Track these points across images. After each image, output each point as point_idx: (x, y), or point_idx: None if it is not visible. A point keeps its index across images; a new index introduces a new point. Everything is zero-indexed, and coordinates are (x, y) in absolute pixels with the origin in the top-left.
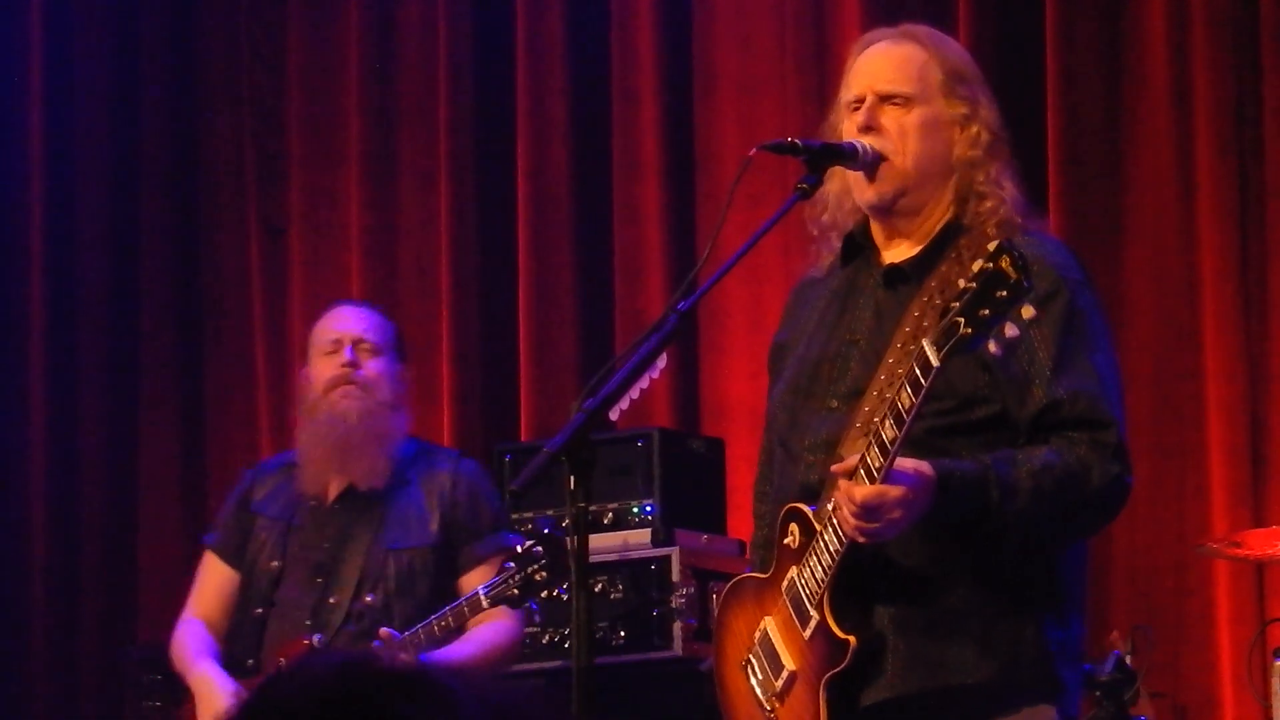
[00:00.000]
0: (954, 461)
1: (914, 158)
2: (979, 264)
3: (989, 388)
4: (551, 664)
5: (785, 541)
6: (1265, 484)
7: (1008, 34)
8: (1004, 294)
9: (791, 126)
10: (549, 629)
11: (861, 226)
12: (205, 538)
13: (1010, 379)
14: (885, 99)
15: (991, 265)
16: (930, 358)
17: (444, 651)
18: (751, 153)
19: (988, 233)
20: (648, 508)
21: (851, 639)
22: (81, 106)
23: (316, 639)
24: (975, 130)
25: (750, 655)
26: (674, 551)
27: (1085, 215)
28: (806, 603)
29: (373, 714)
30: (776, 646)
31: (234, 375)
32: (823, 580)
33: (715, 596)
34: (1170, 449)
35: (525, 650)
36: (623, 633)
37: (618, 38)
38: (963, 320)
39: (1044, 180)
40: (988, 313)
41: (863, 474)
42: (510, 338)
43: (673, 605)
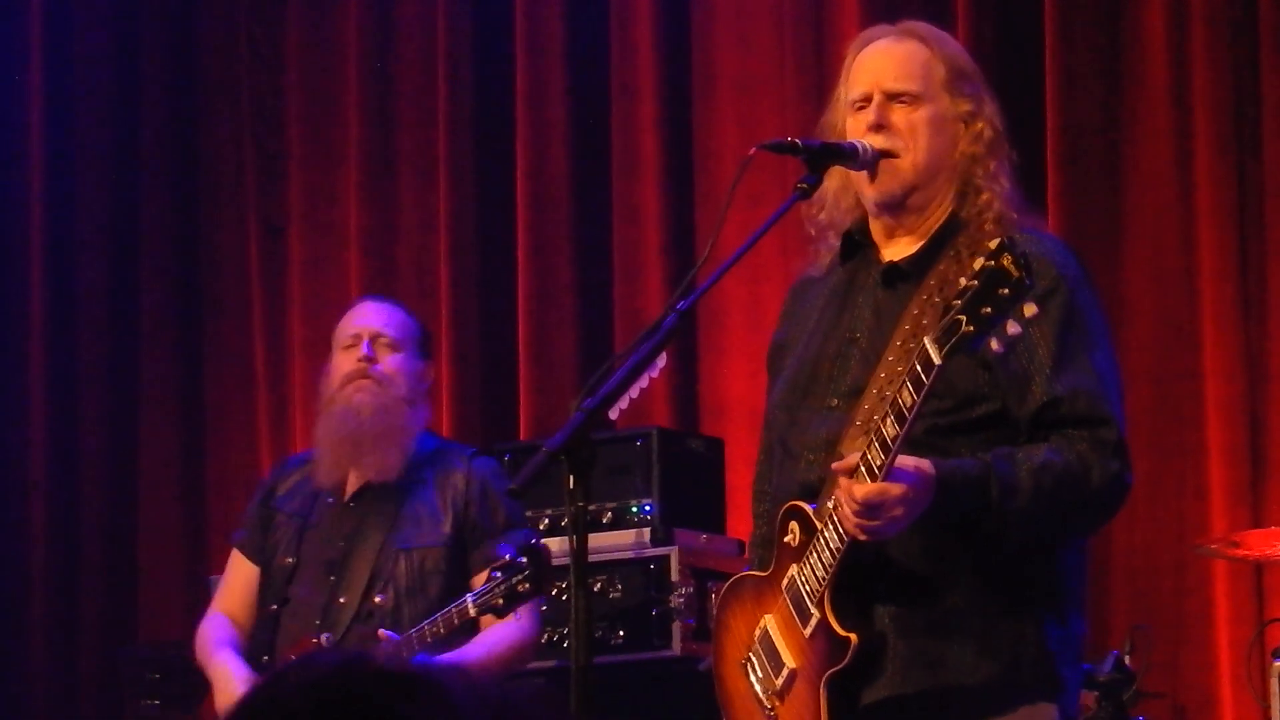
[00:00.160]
0: (954, 460)
1: (924, 155)
2: (980, 262)
3: (989, 386)
4: (551, 663)
5: (785, 539)
6: (1264, 484)
7: (1007, 33)
8: (1006, 291)
9: (790, 126)
10: (548, 628)
11: (860, 224)
12: (232, 535)
13: (1010, 377)
14: (893, 97)
15: (993, 263)
16: (932, 355)
17: (456, 652)
18: (751, 152)
19: (985, 229)
20: (647, 507)
21: (852, 637)
22: (81, 106)
23: (324, 638)
24: (979, 127)
25: (750, 654)
26: (673, 551)
27: (1084, 215)
28: (807, 600)
29: (372, 714)
30: (777, 645)
31: (233, 374)
32: (823, 578)
33: (714, 596)
34: (1169, 449)
35: None
36: (622, 632)
37: (617, 37)
38: (964, 318)
39: (1043, 180)
40: (990, 310)
41: (863, 472)
42: (509, 337)
43: (672, 605)
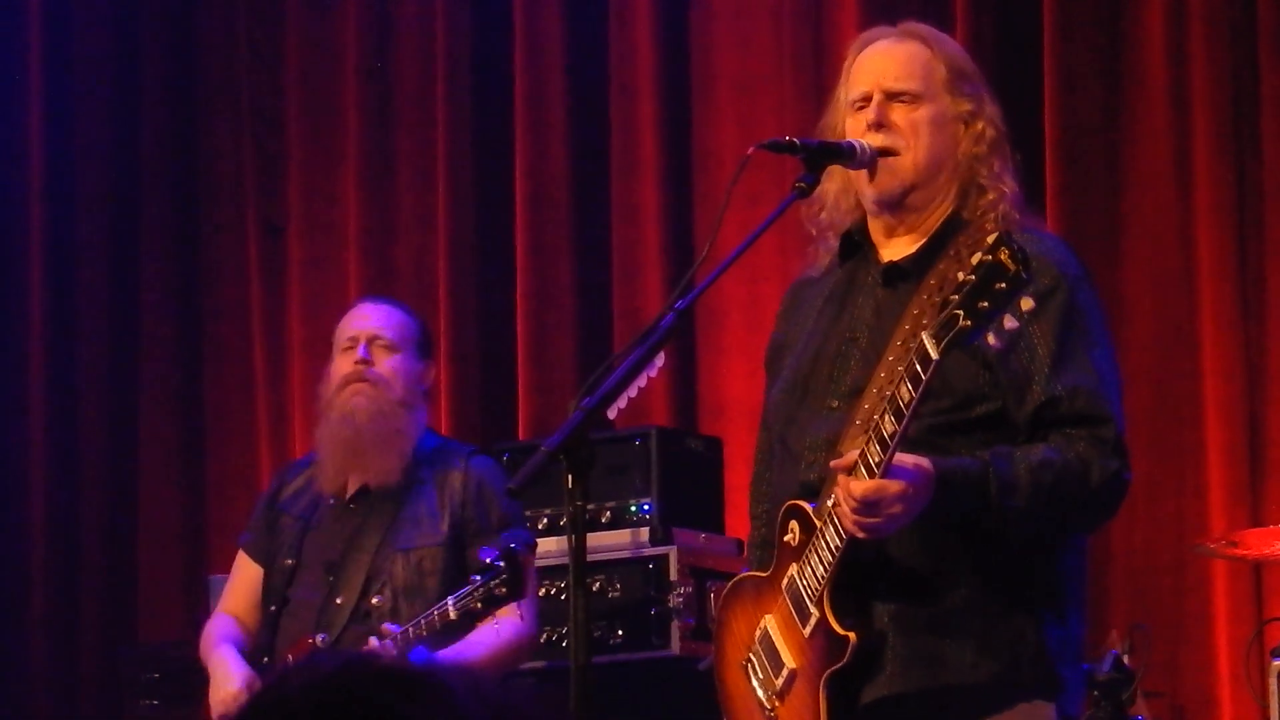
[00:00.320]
0: (954, 458)
1: (925, 153)
2: (978, 256)
3: (989, 386)
4: (549, 663)
5: (785, 539)
6: (1263, 483)
7: (1006, 33)
8: (1003, 286)
9: (789, 125)
10: (547, 628)
11: (859, 224)
12: (239, 538)
13: (1011, 377)
14: (893, 96)
15: (990, 257)
16: (929, 350)
17: (455, 648)
18: (750, 151)
19: (986, 227)
20: (645, 506)
21: (852, 636)
22: (81, 107)
23: (320, 638)
24: (980, 126)
25: (750, 654)
26: (672, 550)
27: (1083, 214)
28: (807, 600)
29: (372, 714)
30: (777, 645)
31: (233, 374)
32: (823, 577)
33: (713, 595)
34: (1168, 448)
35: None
36: (620, 632)
37: (616, 37)
38: (962, 313)
39: (1042, 179)
40: (987, 305)
41: (862, 469)
42: (508, 337)
43: (670, 604)
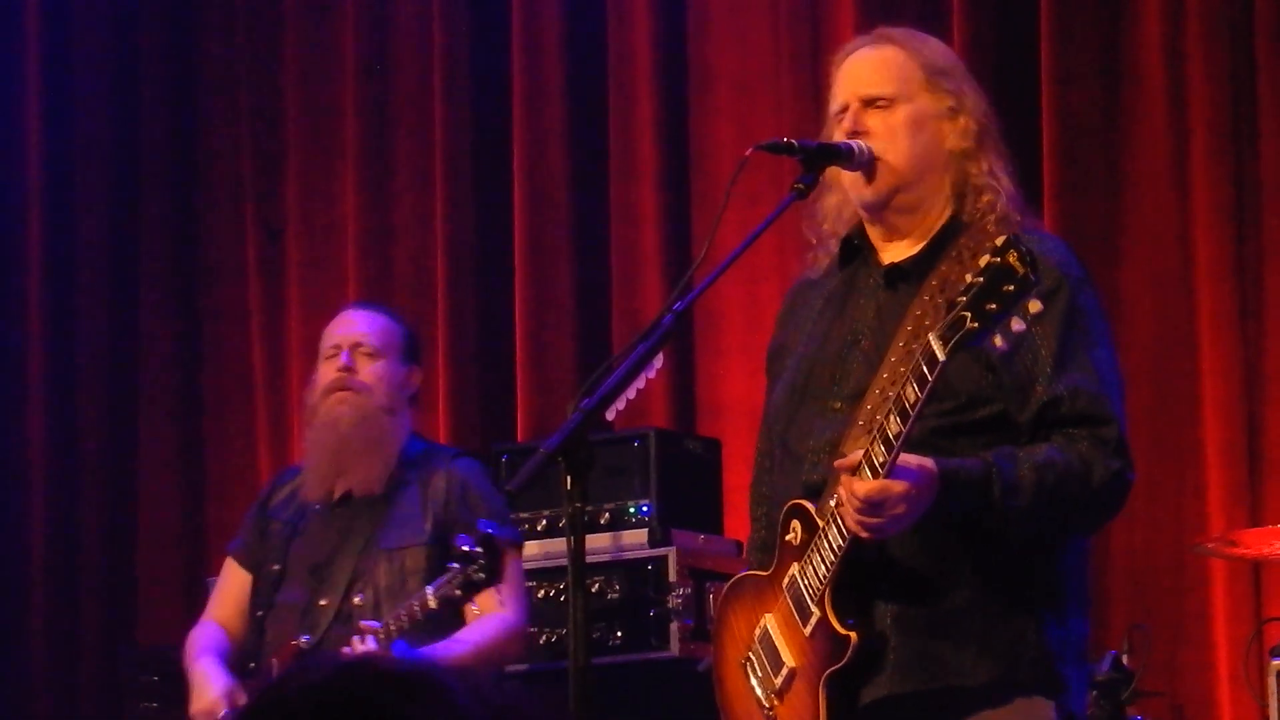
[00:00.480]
0: (957, 458)
1: (906, 155)
2: (986, 258)
3: (992, 388)
4: (548, 664)
5: (787, 538)
6: (1262, 483)
7: (1003, 33)
8: (1011, 288)
9: (787, 125)
10: (546, 629)
11: (858, 228)
12: (228, 545)
13: (1014, 379)
14: (869, 103)
15: (999, 260)
16: (936, 351)
17: (444, 643)
18: (748, 152)
19: (987, 229)
20: (644, 508)
21: (852, 635)
22: (80, 107)
23: (304, 640)
24: (963, 121)
25: (750, 653)
26: (671, 552)
27: (1081, 215)
28: (808, 599)
29: (373, 714)
30: (777, 644)
31: (232, 375)
32: (825, 577)
33: (712, 596)
34: (1167, 448)
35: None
36: (619, 633)
37: (614, 37)
38: (969, 314)
39: (1040, 180)
40: (994, 307)
41: (866, 469)
42: (507, 338)
43: (669, 605)
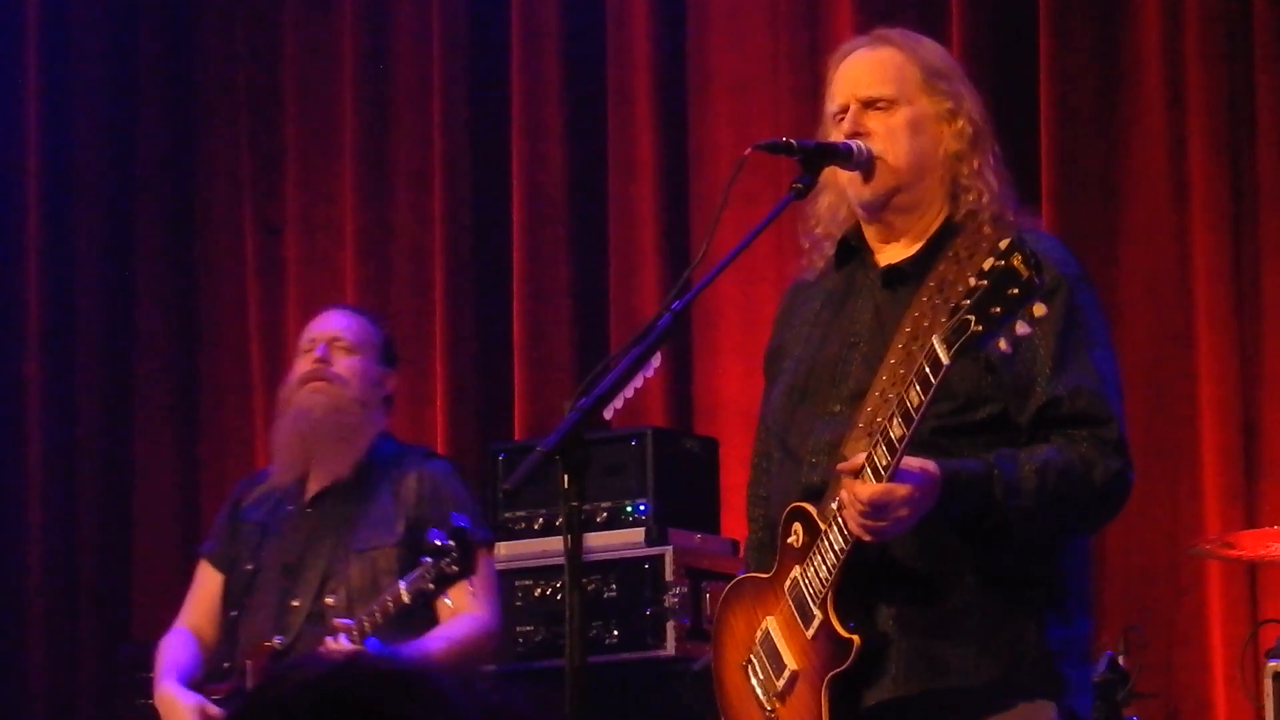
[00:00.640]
0: (958, 460)
1: (905, 156)
2: (990, 261)
3: (991, 388)
4: (545, 663)
5: (788, 541)
6: (1258, 485)
7: (1001, 34)
8: (1015, 291)
9: (785, 125)
10: (542, 628)
11: (854, 229)
12: (199, 547)
13: (1014, 380)
14: (869, 104)
15: (1003, 263)
16: (940, 355)
17: (415, 643)
18: (746, 152)
19: (984, 230)
20: (641, 507)
21: (855, 638)
22: (79, 105)
23: (277, 640)
24: (960, 124)
25: (751, 655)
26: (667, 551)
27: (1078, 216)
28: (810, 602)
29: (371, 714)
30: (778, 646)
31: (229, 374)
32: (827, 579)
33: (708, 596)
34: (1163, 450)
35: (520, 649)
36: (616, 632)
37: (612, 37)
38: (973, 318)
39: (1037, 181)
40: (999, 310)
41: (869, 472)
42: (504, 337)
43: (666, 605)
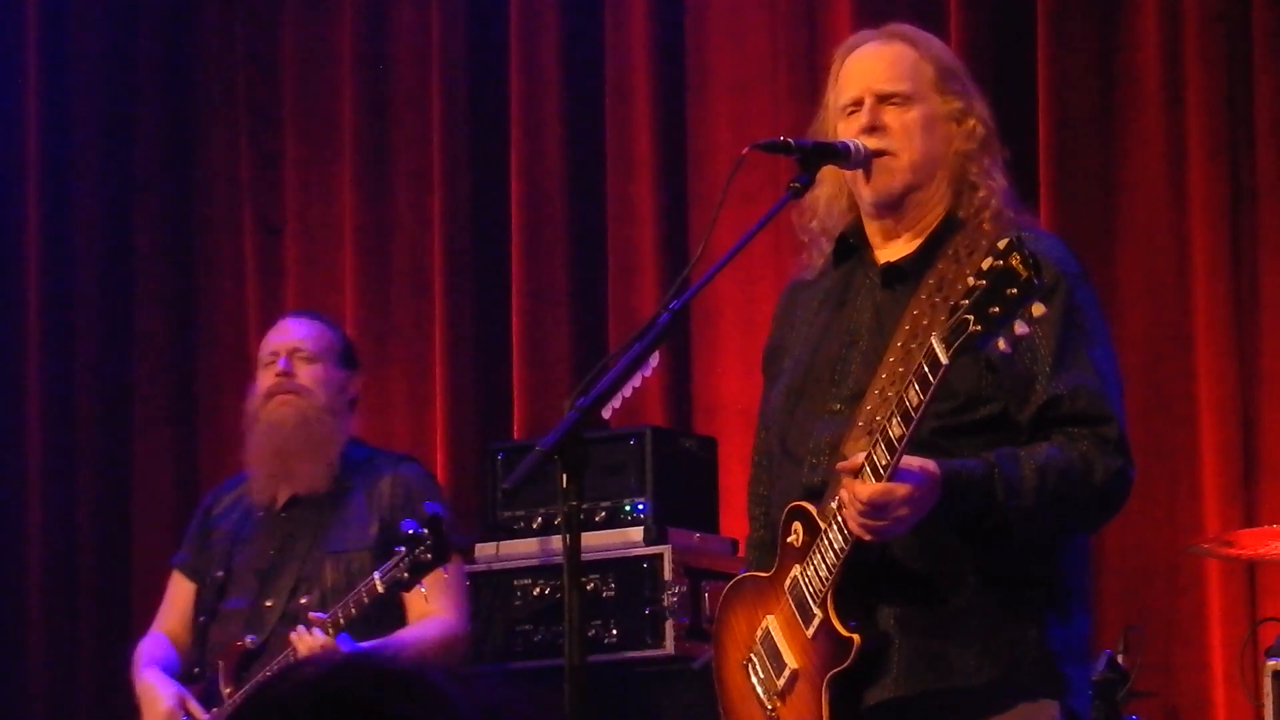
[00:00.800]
0: (959, 459)
1: (919, 154)
2: (989, 261)
3: (992, 387)
4: (544, 662)
5: (789, 540)
6: (1257, 483)
7: (999, 33)
8: (1014, 291)
9: (783, 124)
10: (542, 627)
11: (853, 226)
12: (172, 558)
13: (1014, 379)
14: (884, 99)
15: (1001, 263)
16: (939, 355)
17: (376, 643)
18: (744, 152)
19: (983, 228)
20: (640, 506)
21: (855, 638)
22: (77, 106)
23: (250, 640)
24: (971, 124)
25: (752, 654)
26: (666, 550)
27: (1076, 215)
28: (810, 601)
29: (370, 713)
30: (779, 645)
31: (228, 374)
32: (827, 578)
33: (707, 595)
34: (1162, 449)
35: (519, 649)
36: (615, 631)
37: (611, 37)
38: (972, 318)
39: (1035, 179)
40: (998, 310)
41: (869, 472)
42: (504, 336)
43: (665, 604)
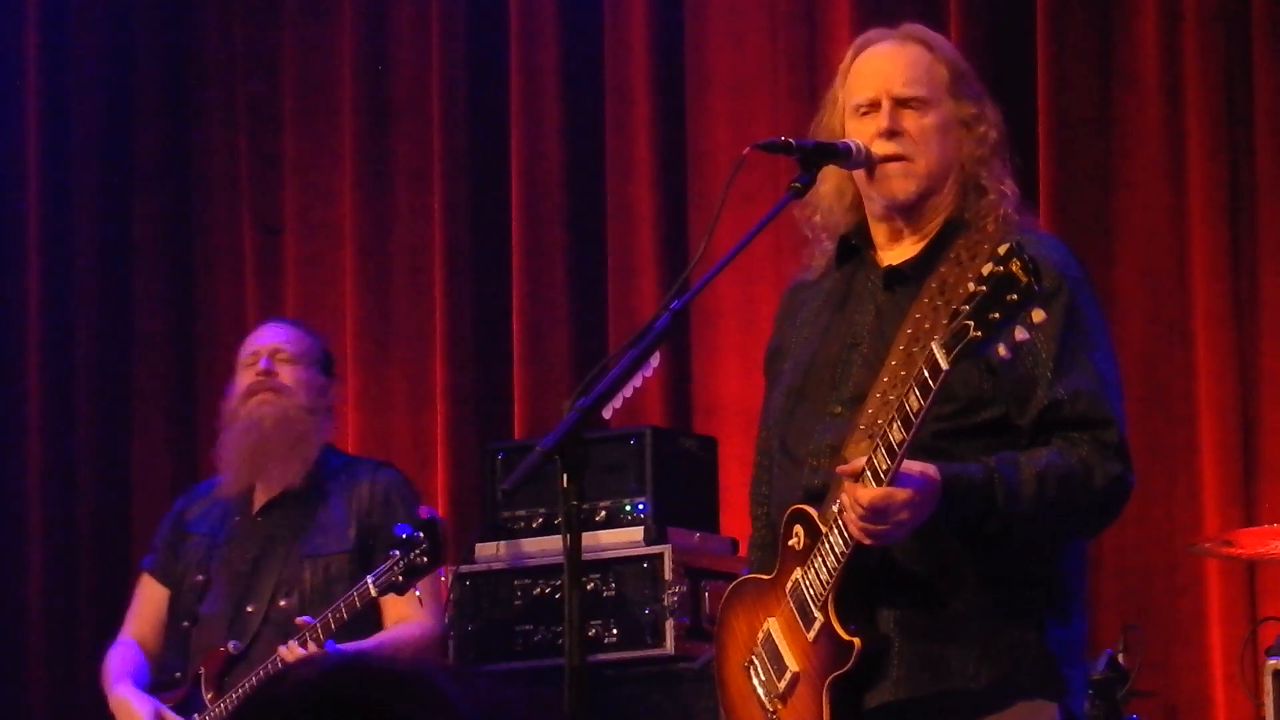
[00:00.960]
0: (959, 464)
1: (936, 159)
2: (989, 267)
3: (993, 391)
4: (544, 662)
5: (790, 543)
6: (1256, 483)
7: (999, 31)
8: (1014, 297)
9: (783, 125)
10: (541, 627)
11: (856, 227)
12: (142, 561)
13: (1015, 383)
14: (902, 103)
15: (1002, 268)
16: (940, 360)
17: (352, 645)
18: (745, 152)
19: (987, 229)
20: (640, 506)
21: (856, 641)
22: (76, 106)
23: (233, 645)
24: (983, 129)
25: (753, 656)
26: (666, 550)
27: (1076, 214)
28: (811, 604)
29: (370, 713)
30: (780, 647)
31: (228, 374)
32: (827, 582)
33: (707, 594)
34: (1161, 448)
35: (519, 649)
36: (615, 631)
37: (610, 37)
38: (972, 323)
39: (1034, 179)
40: (997, 316)
41: (869, 476)
42: (504, 336)
43: (665, 604)
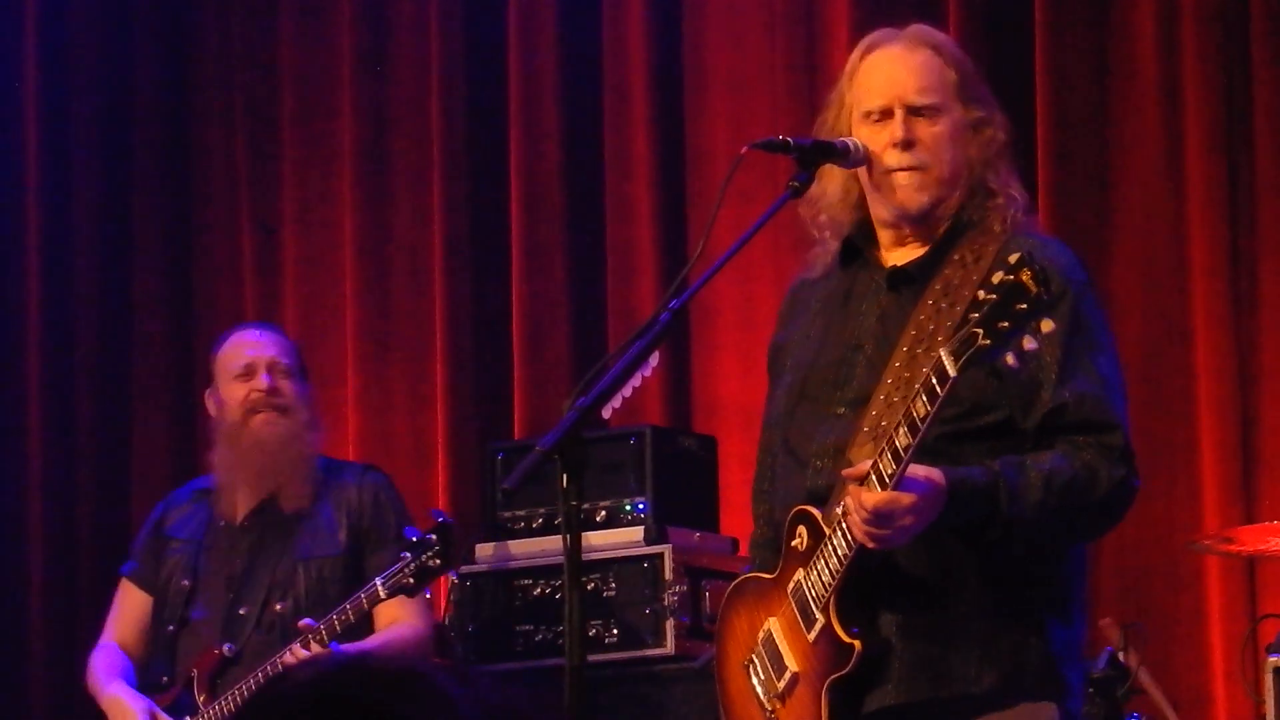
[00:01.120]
0: (964, 468)
1: (948, 167)
2: (999, 275)
3: (998, 395)
4: (544, 662)
5: (793, 543)
6: (1256, 480)
7: (997, 31)
8: (1023, 307)
9: (782, 124)
10: (542, 627)
11: (859, 228)
12: (122, 568)
13: (1020, 387)
14: (915, 111)
15: (1012, 277)
16: (948, 368)
17: (355, 646)
18: (743, 151)
19: (993, 231)
20: (640, 505)
21: (857, 644)
22: (76, 106)
23: (226, 648)
24: (990, 133)
25: (753, 655)
26: (666, 549)
27: (1074, 213)
28: (812, 605)
29: (371, 714)
30: (780, 647)
31: None
32: (829, 584)
33: (708, 594)
34: (1161, 445)
35: (519, 649)
36: (616, 630)
37: (609, 36)
38: (981, 331)
39: (1033, 177)
40: (1007, 325)
41: (874, 480)
42: (503, 336)
43: (665, 603)
